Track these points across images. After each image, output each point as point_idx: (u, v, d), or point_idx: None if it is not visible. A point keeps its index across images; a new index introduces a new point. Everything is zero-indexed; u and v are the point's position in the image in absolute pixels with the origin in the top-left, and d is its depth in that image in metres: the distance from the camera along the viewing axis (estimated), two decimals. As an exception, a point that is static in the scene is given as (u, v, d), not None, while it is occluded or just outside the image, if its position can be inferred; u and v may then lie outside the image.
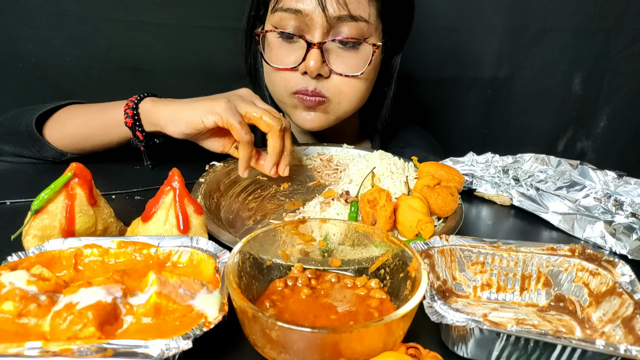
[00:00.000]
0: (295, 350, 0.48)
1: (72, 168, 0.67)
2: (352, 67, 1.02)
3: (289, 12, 0.96)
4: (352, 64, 1.02)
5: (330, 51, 1.00)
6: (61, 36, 1.47)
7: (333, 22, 0.96)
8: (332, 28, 0.97)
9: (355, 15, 0.96)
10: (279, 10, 0.98)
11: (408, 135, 1.34)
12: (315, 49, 0.97)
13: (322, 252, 0.66)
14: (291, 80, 1.03)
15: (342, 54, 1.01)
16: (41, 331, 0.49)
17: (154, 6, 1.47)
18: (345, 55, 1.01)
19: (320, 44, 0.97)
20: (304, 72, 1.00)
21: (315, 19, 0.95)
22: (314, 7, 0.94)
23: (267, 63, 1.04)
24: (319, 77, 1.01)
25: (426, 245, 0.65)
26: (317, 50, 0.97)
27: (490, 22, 1.60)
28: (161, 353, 0.46)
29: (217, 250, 0.63)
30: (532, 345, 0.51)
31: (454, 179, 0.86)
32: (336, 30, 0.98)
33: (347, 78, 1.02)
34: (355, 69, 1.02)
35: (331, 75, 1.02)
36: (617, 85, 1.69)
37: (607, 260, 0.63)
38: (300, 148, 1.08)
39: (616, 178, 0.90)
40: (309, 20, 0.96)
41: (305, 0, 0.94)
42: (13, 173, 0.98)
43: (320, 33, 0.97)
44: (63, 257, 0.61)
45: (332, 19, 0.95)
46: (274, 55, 1.03)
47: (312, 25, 0.97)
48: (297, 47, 1.00)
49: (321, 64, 0.98)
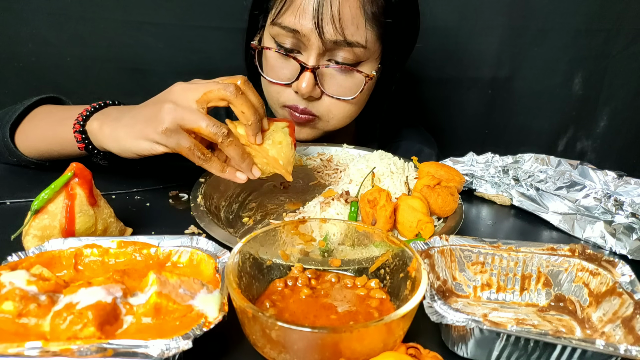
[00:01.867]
0: (295, 350, 0.48)
1: (72, 168, 0.67)
2: (345, 90, 1.02)
3: (287, 30, 0.96)
4: (345, 87, 1.02)
5: (324, 73, 1.00)
6: (61, 36, 1.47)
7: (329, 46, 0.96)
8: (328, 50, 0.97)
9: (352, 42, 0.95)
10: (277, 26, 0.97)
11: (403, 130, 1.35)
12: (309, 72, 0.97)
13: (322, 252, 0.66)
14: (283, 94, 1.04)
15: (336, 76, 1.01)
16: (41, 331, 0.49)
17: (154, 6, 1.47)
18: (338, 77, 1.01)
19: (314, 68, 0.97)
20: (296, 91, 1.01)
21: (312, 41, 0.95)
22: (310, 30, 0.93)
23: (263, 76, 1.04)
24: (310, 98, 1.02)
25: (426, 245, 0.65)
26: (310, 74, 0.97)
27: (490, 22, 1.60)
28: (161, 353, 0.46)
29: (217, 250, 0.63)
30: (532, 345, 0.51)
31: (454, 179, 0.86)
32: (332, 52, 0.98)
33: (338, 100, 1.03)
34: (347, 92, 1.02)
35: (322, 96, 1.02)
36: (617, 85, 1.69)
37: (607, 260, 0.63)
38: (300, 148, 1.08)
39: (616, 178, 0.90)
40: (306, 41, 0.96)
41: (303, 21, 0.93)
42: (13, 173, 0.98)
43: (316, 54, 0.97)
44: (63, 257, 0.61)
45: (328, 42, 0.95)
46: (269, 67, 1.03)
47: (309, 46, 0.96)
48: (292, 62, 1.00)
49: (313, 87, 0.99)
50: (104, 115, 0.84)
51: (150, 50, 1.52)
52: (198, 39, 1.52)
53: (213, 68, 1.54)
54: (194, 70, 1.55)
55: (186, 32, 1.51)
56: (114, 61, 1.52)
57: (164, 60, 1.54)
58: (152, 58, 1.53)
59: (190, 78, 1.61)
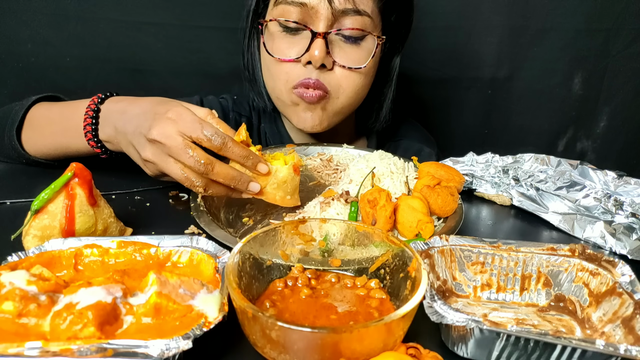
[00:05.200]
0: (295, 350, 0.48)
1: (72, 168, 0.67)
2: (355, 60, 1.02)
3: (294, 4, 0.97)
4: (354, 57, 1.02)
5: (334, 44, 1.01)
6: (61, 36, 1.47)
7: (338, 15, 0.97)
8: (336, 21, 0.98)
9: (360, 10, 0.97)
10: (282, 3, 0.98)
11: (403, 129, 1.36)
12: (320, 39, 0.97)
13: (322, 252, 0.66)
14: (292, 73, 1.03)
15: (345, 47, 1.02)
16: (41, 331, 0.49)
17: (154, 6, 1.47)
18: (348, 49, 1.02)
19: (325, 33, 0.98)
20: (307, 62, 1.00)
21: (320, 12, 0.96)
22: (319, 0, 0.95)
23: (269, 54, 1.03)
24: (321, 68, 1.01)
25: (426, 245, 0.65)
26: (322, 40, 0.98)
27: (490, 22, 1.60)
28: (161, 353, 0.46)
29: (217, 250, 0.63)
30: (532, 345, 0.51)
31: (454, 179, 0.86)
32: (339, 23, 0.99)
33: (348, 72, 1.02)
34: (358, 62, 1.02)
35: (334, 67, 1.02)
36: (617, 85, 1.69)
37: (607, 260, 0.63)
38: (300, 148, 1.08)
39: (616, 178, 0.90)
40: (314, 13, 0.97)
41: None
42: (13, 173, 0.98)
43: (325, 25, 0.97)
44: (63, 257, 0.61)
45: (337, 11, 0.96)
46: (276, 47, 1.03)
47: (317, 18, 0.97)
48: (299, 39, 1.01)
49: (325, 54, 0.99)
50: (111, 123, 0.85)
51: (149, 51, 1.52)
52: (197, 39, 1.52)
53: (212, 68, 1.55)
54: (194, 70, 1.56)
55: (185, 33, 1.51)
56: (113, 61, 1.52)
57: (163, 61, 1.54)
58: (152, 58, 1.53)
59: (190, 78, 1.61)
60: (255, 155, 0.78)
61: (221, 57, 1.52)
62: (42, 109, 0.98)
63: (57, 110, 0.96)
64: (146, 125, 0.75)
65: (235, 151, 0.75)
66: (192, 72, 1.56)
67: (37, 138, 0.96)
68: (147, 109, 0.79)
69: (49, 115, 0.96)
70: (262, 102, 1.18)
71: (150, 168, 0.79)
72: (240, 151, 0.76)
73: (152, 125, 0.74)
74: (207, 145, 0.74)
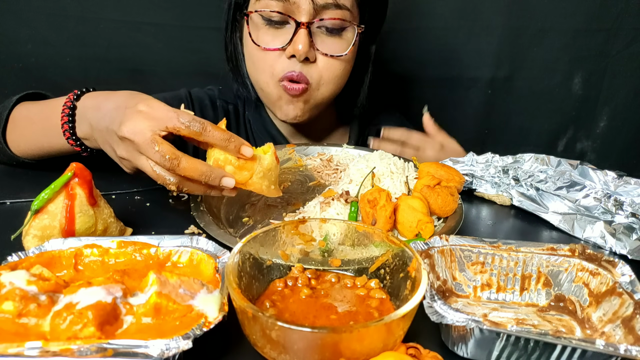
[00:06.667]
0: (295, 350, 0.48)
1: (72, 168, 0.67)
2: (337, 49, 1.05)
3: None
4: (336, 47, 1.05)
5: (316, 35, 1.03)
6: (61, 36, 1.47)
7: (318, 9, 0.99)
8: (317, 14, 1.00)
9: (340, 4, 1.00)
10: None
11: (383, 116, 1.39)
12: (304, 30, 1.00)
13: (322, 252, 0.66)
14: (277, 65, 1.04)
15: (326, 39, 1.04)
16: (41, 331, 0.49)
17: (154, 7, 1.47)
18: (329, 40, 1.05)
19: (308, 24, 1.00)
20: (291, 55, 1.02)
21: (301, 6, 0.98)
22: None
23: (255, 43, 1.05)
24: (305, 61, 1.03)
25: (426, 245, 0.65)
26: (305, 31, 1.00)
27: (489, 22, 1.60)
28: (161, 353, 0.46)
29: (217, 250, 0.63)
30: (532, 345, 0.51)
31: (454, 179, 0.86)
32: (320, 16, 1.01)
33: (330, 61, 1.05)
34: (339, 51, 1.06)
35: (316, 59, 1.04)
36: (617, 85, 1.69)
37: (607, 260, 0.63)
38: (300, 148, 1.08)
39: (616, 178, 0.90)
40: (295, 7, 0.99)
41: None
42: (13, 173, 0.98)
43: (307, 18, 1.00)
44: (63, 257, 0.61)
45: (318, 6, 0.98)
46: (260, 39, 1.05)
47: (298, 12, 1.00)
48: (283, 32, 1.03)
49: (308, 47, 1.01)
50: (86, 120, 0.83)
51: (149, 51, 1.52)
52: (197, 40, 1.52)
53: (212, 68, 1.54)
54: (193, 71, 1.56)
55: (185, 33, 1.51)
56: (113, 61, 1.52)
57: (163, 61, 1.54)
58: (152, 58, 1.53)
59: (190, 78, 1.61)
60: (237, 138, 0.73)
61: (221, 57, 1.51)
62: (22, 109, 0.97)
63: (36, 110, 0.95)
64: (117, 122, 0.72)
65: (215, 135, 0.71)
66: (192, 72, 1.56)
67: (19, 140, 0.96)
68: (119, 103, 0.76)
69: (28, 115, 0.96)
70: (246, 92, 1.20)
71: (126, 165, 0.77)
72: (221, 134, 0.72)
73: (123, 121, 0.71)
74: (186, 133, 0.70)
